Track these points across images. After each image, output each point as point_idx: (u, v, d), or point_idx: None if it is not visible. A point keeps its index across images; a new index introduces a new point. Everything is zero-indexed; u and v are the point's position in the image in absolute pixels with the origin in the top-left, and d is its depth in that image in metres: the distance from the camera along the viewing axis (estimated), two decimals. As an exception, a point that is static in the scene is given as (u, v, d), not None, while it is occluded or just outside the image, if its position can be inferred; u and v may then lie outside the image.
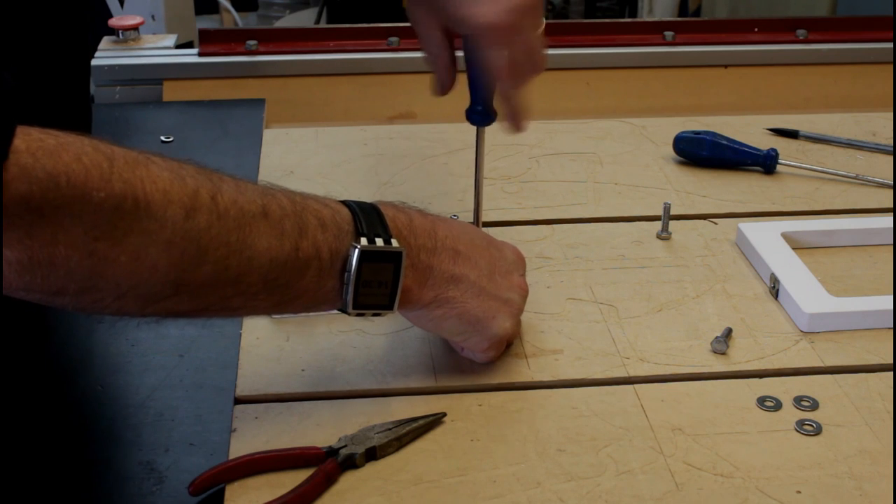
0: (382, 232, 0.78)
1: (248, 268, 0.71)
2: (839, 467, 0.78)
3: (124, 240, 0.65)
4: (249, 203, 0.71)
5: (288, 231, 0.73)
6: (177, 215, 0.67)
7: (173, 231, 0.67)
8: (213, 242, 0.69)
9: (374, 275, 0.77)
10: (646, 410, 0.84)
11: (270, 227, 0.72)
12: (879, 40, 1.58)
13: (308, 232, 0.74)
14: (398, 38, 1.55)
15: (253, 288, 0.73)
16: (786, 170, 1.23)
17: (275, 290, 0.74)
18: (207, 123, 1.35)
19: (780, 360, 0.90)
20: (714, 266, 1.04)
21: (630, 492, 0.75)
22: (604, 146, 1.31)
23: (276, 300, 0.75)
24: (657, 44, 1.58)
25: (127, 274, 0.66)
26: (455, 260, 0.83)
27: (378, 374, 0.87)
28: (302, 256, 0.74)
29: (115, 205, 0.64)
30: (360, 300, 0.77)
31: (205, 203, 0.69)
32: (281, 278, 0.74)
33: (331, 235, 0.75)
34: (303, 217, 0.74)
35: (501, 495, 0.75)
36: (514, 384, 0.87)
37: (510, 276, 0.87)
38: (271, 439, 0.80)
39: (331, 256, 0.76)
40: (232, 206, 0.70)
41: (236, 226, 0.70)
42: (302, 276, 0.75)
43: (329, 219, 0.76)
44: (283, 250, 0.73)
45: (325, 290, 0.77)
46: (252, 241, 0.71)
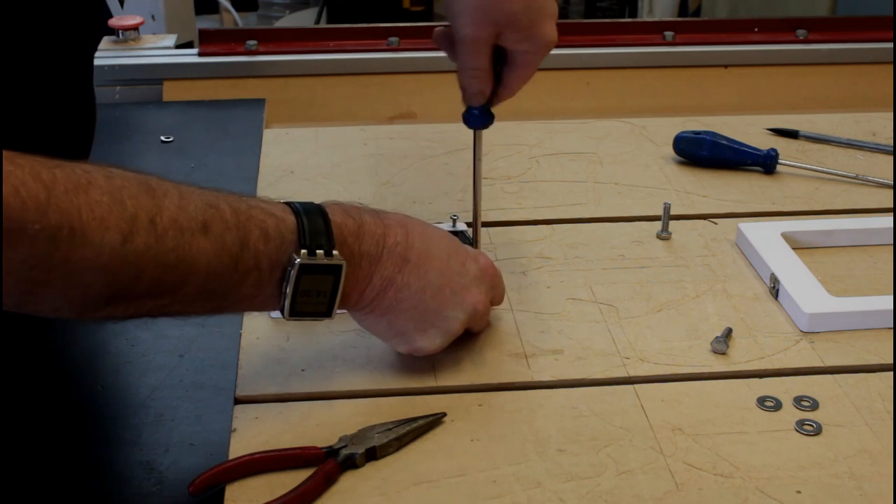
0: (325, 242, 0.78)
1: (184, 281, 0.73)
2: (839, 467, 0.78)
3: (60, 266, 0.66)
4: (190, 220, 0.72)
5: (228, 245, 0.74)
6: (114, 241, 0.68)
7: (110, 256, 0.68)
8: (151, 263, 0.70)
9: (313, 285, 0.78)
10: (646, 410, 0.84)
11: (210, 242, 0.73)
12: (879, 40, 1.58)
13: (249, 245, 0.75)
14: (398, 38, 1.55)
15: (189, 297, 0.74)
16: (786, 170, 1.23)
17: (212, 299, 0.76)
18: (207, 123, 1.35)
19: (780, 360, 0.90)
20: (714, 266, 1.04)
21: (630, 492, 0.75)
22: (604, 146, 1.31)
23: (214, 307, 0.77)
24: (657, 44, 1.58)
25: (61, 294, 0.68)
26: (401, 269, 0.82)
27: (378, 374, 0.87)
28: (241, 269, 0.75)
29: (50, 235, 0.65)
30: (297, 308, 0.78)
31: (143, 226, 0.69)
32: (219, 289, 0.75)
33: (273, 247, 0.76)
34: (246, 228, 0.75)
35: (501, 495, 0.75)
36: (514, 384, 0.87)
37: (464, 293, 0.85)
38: (271, 439, 0.80)
39: (270, 267, 0.76)
40: (171, 227, 0.71)
41: (174, 245, 0.71)
42: (240, 286, 0.76)
43: (273, 229, 0.77)
44: (222, 264, 0.74)
45: (264, 297, 0.78)
46: (191, 258, 0.72)
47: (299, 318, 0.79)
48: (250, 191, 1.17)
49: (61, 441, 0.81)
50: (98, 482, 0.78)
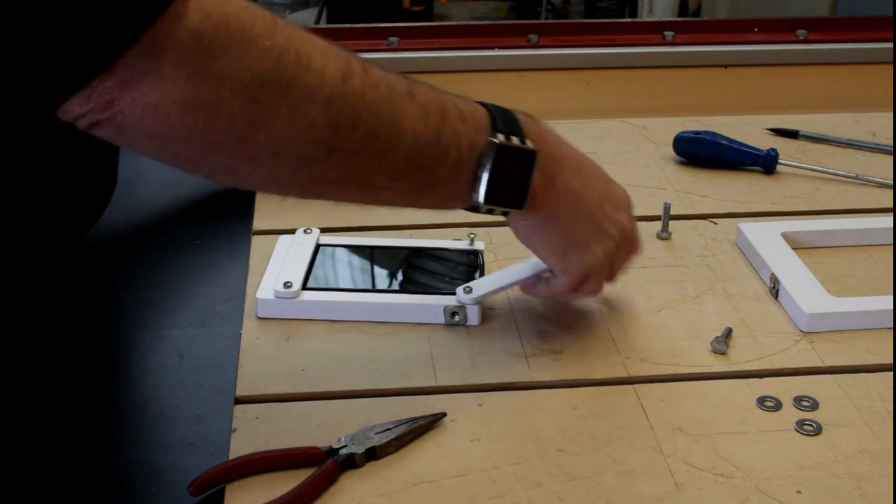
0: (518, 132, 0.79)
1: (395, 143, 0.73)
2: (839, 467, 0.78)
3: (287, 90, 0.66)
4: (397, 82, 0.73)
5: (432, 114, 0.75)
6: (335, 75, 0.68)
7: (332, 90, 0.68)
8: (367, 109, 0.71)
9: (508, 172, 0.78)
10: (646, 410, 0.84)
11: (416, 107, 0.74)
12: (879, 40, 1.58)
13: (449, 120, 0.76)
14: (398, 38, 1.55)
15: (397, 165, 0.74)
16: (786, 170, 1.23)
17: (416, 173, 0.76)
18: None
19: (780, 360, 0.90)
20: (714, 266, 1.04)
21: (630, 492, 0.75)
22: (604, 146, 1.31)
23: (416, 184, 0.77)
24: (657, 44, 1.58)
25: (286, 127, 0.67)
26: (577, 175, 0.84)
27: (378, 374, 0.87)
28: (443, 142, 0.76)
29: (279, 54, 0.65)
30: (492, 195, 0.79)
31: (358, 71, 0.70)
32: (423, 160, 0.75)
33: (470, 128, 0.77)
34: (444, 106, 0.76)
35: (501, 495, 0.75)
36: (514, 384, 0.87)
37: (617, 211, 0.88)
38: (271, 439, 0.80)
39: (469, 148, 0.77)
40: (381, 81, 0.72)
41: (386, 98, 0.72)
42: (442, 162, 0.76)
43: (468, 112, 0.78)
44: (427, 132, 0.74)
45: (461, 182, 0.78)
46: (400, 117, 0.73)
47: (492, 208, 0.79)
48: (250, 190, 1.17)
49: (61, 441, 0.81)
50: (98, 482, 0.78)
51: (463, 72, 1.55)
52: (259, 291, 0.94)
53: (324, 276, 0.98)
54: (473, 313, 0.93)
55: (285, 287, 0.93)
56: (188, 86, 0.63)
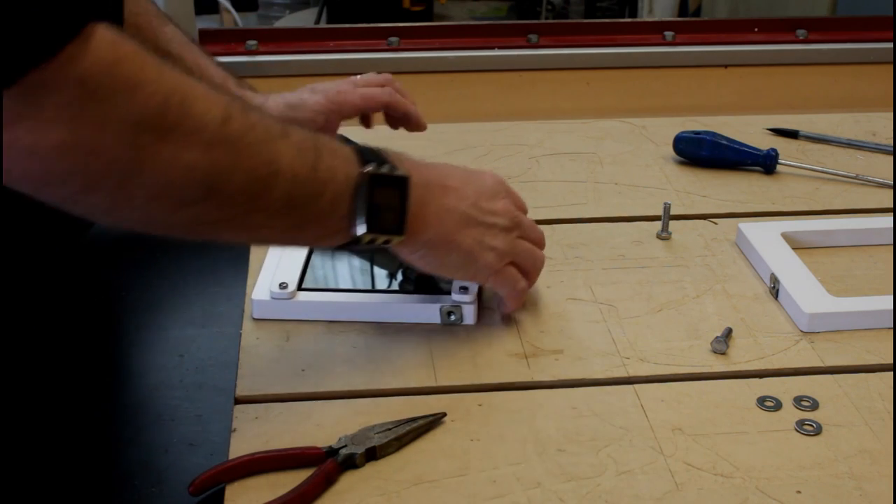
0: (385, 161, 0.81)
1: (273, 182, 0.74)
2: (839, 467, 0.78)
3: (169, 135, 0.67)
4: (272, 124, 0.75)
5: (307, 152, 0.76)
6: (216, 119, 0.69)
7: (213, 133, 0.69)
8: (246, 151, 0.72)
9: (384, 198, 0.80)
10: (646, 410, 0.84)
11: (292, 146, 0.75)
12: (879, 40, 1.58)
13: (323, 157, 0.77)
14: (398, 38, 1.55)
15: (276, 204, 0.75)
16: (786, 170, 1.23)
17: (294, 210, 0.76)
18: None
19: (780, 360, 0.90)
20: (714, 266, 1.04)
21: (630, 492, 0.75)
22: (604, 146, 1.31)
23: (295, 221, 0.77)
24: (657, 44, 1.58)
25: (166, 170, 0.67)
26: (445, 192, 0.86)
27: (378, 373, 0.87)
28: (320, 177, 0.77)
29: (164, 99, 0.66)
30: (372, 223, 0.80)
31: (237, 114, 0.71)
32: (301, 198, 0.76)
33: (342, 162, 0.79)
34: (317, 144, 0.78)
35: (501, 495, 0.75)
36: (514, 384, 0.87)
37: (494, 201, 0.89)
38: (271, 439, 0.80)
39: (345, 180, 0.79)
40: (259, 123, 0.73)
41: (264, 139, 0.73)
42: (319, 197, 0.77)
43: (339, 149, 0.80)
44: (304, 169, 0.76)
45: (339, 215, 0.79)
46: (277, 156, 0.74)
47: (373, 237, 0.80)
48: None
49: (61, 441, 0.81)
50: (98, 482, 0.78)
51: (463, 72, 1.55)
52: (254, 292, 0.94)
53: (320, 276, 0.98)
54: (469, 313, 0.93)
55: (281, 288, 0.93)
56: (68, 130, 0.62)
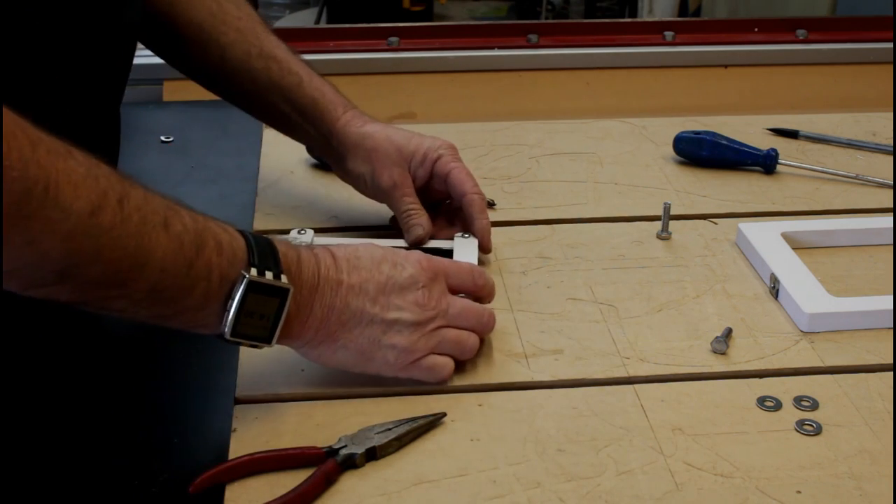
0: (273, 265, 0.78)
1: (137, 275, 0.72)
2: (839, 467, 0.78)
3: (24, 223, 0.66)
4: (153, 213, 0.72)
5: (185, 246, 0.74)
6: (82, 210, 0.68)
7: (75, 225, 0.68)
8: (111, 244, 0.70)
9: (258, 306, 0.77)
10: (646, 410, 0.84)
11: (169, 239, 0.73)
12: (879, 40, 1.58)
13: (205, 252, 0.75)
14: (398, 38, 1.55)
15: (138, 294, 0.73)
16: (786, 170, 1.23)
17: (159, 302, 0.75)
18: (207, 123, 1.35)
19: (780, 360, 0.90)
20: (714, 266, 1.04)
21: (630, 492, 0.75)
22: (604, 146, 1.31)
23: (158, 312, 0.75)
24: (657, 44, 1.58)
25: (18, 256, 0.67)
26: (337, 291, 0.82)
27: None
28: (193, 274, 0.74)
29: (26, 187, 0.65)
30: (239, 329, 0.77)
31: (111, 205, 0.70)
32: (168, 291, 0.74)
33: (225, 260, 0.76)
34: (202, 236, 0.75)
35: (501, 495, 0.75)
36: (514, 384, 0.87)
37: (403, 295, 0.84)
38: (271, 439, 0.80)
39: (220, 280, 0.76)
40: (136, 213, 0.71)
41: (137, 232, 0.71)
42: (189, 294, 0.75)
43: (226, 243, 0.76)
44: (177, 264, 0.73)
45: (208, 312, 0.76)
46: (149, 250, 0.72)
47: (238, 341, 0.78)
48: (250, 190, 1.17)
49: (61, 441, 0.81)
50: (98, 482, 0.78)
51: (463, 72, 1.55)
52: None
53: None
54: None
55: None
56: None
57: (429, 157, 1.04)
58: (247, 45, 1.05)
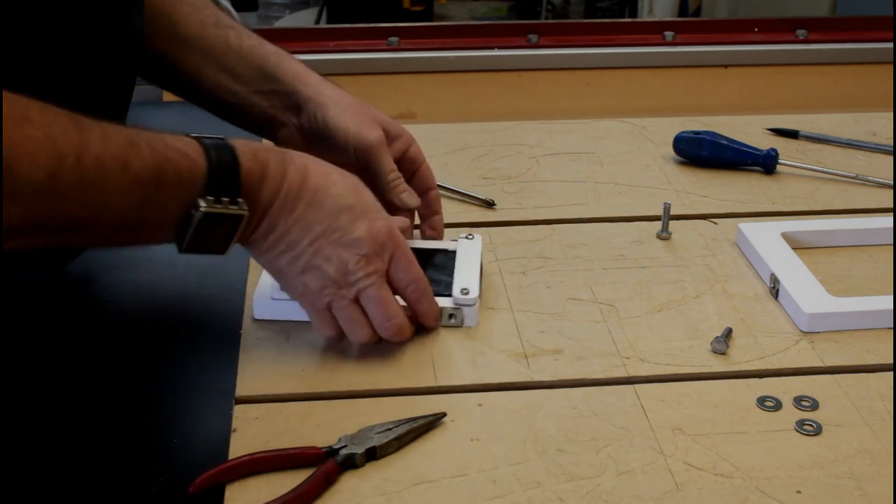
0: (232, 190, 0.80)
1: (99, 219, 0.75)
2: (839, 467, 0.78)
3: None
4: (112, 159, 0.74)
5: (145, 184, 0.76)
6: (40, 178, 0.70)
7: (35, 192, 0.70)
8: (71, 202, 0.72)
9: (212, 230, 0.80)
10: (646, 410, 0.84)
11: (128, 180, 0.75)
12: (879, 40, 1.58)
13: (163, 185, 0.77)
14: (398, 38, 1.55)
15: (101, 232, 0.77)
16: (786, 170, 1.23)
17: (119, 234, 0.78)
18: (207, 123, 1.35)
19: (780, 360, 0.90)
20: (714, 266, 1.04)
21: (630, 492, 0.75)
22: (604, 146, 1.31)
23: (119, 241, 0.82)
24: (657, 44, 1.58)
25: None
26: (287, 218, 0.84)
27: (378, 374, 0.87)
28: (152, 207, 0.77)
29: None
30: (193, 249, 0.81)
31: (69, 164, 0.71)
32: (128, 225, 0.77)
33: (183, 190, 0.78)
34: (161, 169, 0.77)
35: (501, 495, 0.75)
36: (514, 384, 0.87)
37: (339, 250, 0.85)
38: (271, 439, 0.80)
39: (177, 207, 0.78)
40: (94, 164, 0.73)
41: (95, 183, 0.73)
42: (148, 224, 0.78)
43: (186, 171, 0.78)
44: (136, 203, 0.76)
45: (165, 233, 0.80)
46: (108, 196, 0.74)
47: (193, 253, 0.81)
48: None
49: (61, 441, 0.81)
50: (98, 482, 0.78)
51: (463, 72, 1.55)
52: (255, 293, 0.94)
53: None
54: (470, 315, 0.93)
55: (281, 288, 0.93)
56: None
57: (403, 138, 1.03)
58: (202, 16, 1.04)
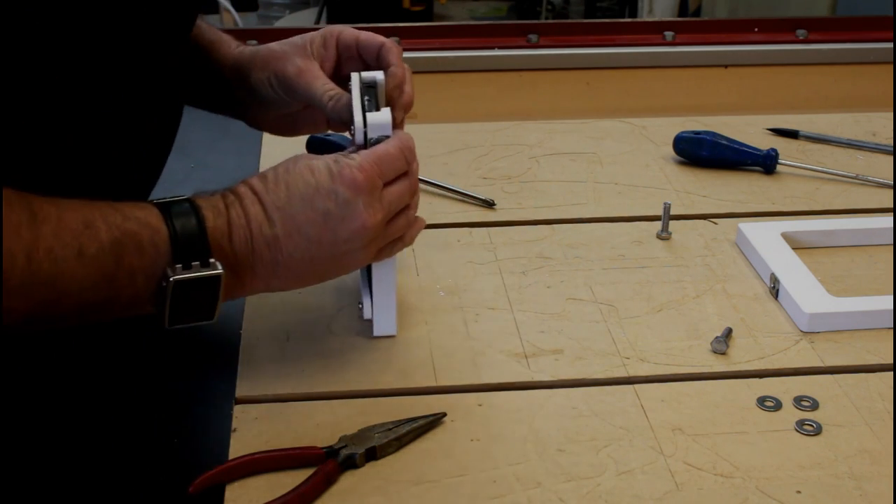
0: (201, 251, 0.76)
1: (58, 307, 0.73)
2: (839, 467, 0.78)
3: None
4: (65, 247, 0.72)
5: (103, 266, 0.73)
6: None
7: None
8: (23, 299, 0.71)
9: (192, 297, 0.77)
10: (646, 410, 0.84)
11: (84, 266, 0.73)
12: (879, 40, 1.58)
13: (124, 260, 0.74)
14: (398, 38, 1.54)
15: (67, 317, 0.75)
16: (786, 170, 1.23)
17: (89, 315, 0.76)
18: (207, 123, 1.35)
19: (780, 360, 0.90)
20: (714, 266, 1.04)
21: (630, 492, 0.75)
22: (604, 146, 1.31)
23: (94, 320, 0.77)
24: (657, 44, 1.58)
25: None
26: (276, 246, 0.79)
27: (378, 374, 0.87)
28: (116, 286, 0.75)
29: None
30: (178, 321, 0.78)
31: (19, 264, 0.70)
32: (94, 306, 0.75)
33: (147, 261, 0.75)
34: (121, 245, 0.74)
35: (501, 495, 0.75)
36: (514, 384, 0.87)
37: (345, 224, 0.80)
38: (271, 439, 0.80)
39: (146, 281, 0.76)
40: (46, 258, 0.71)
41: (48, 277, 0.71)
42: (116, 301, 0.76)
43: (147, 242, 0.75)
44: (97, 285, 0.74)
45: (141, 308, 0.77)
46: (63, 286, 0.72)
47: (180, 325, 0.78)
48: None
49: (62, 441, 0.81)
50: (98, 482, 0.78)
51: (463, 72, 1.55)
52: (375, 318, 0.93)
53: None
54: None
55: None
56: None
57: (329, 36, 0.96)
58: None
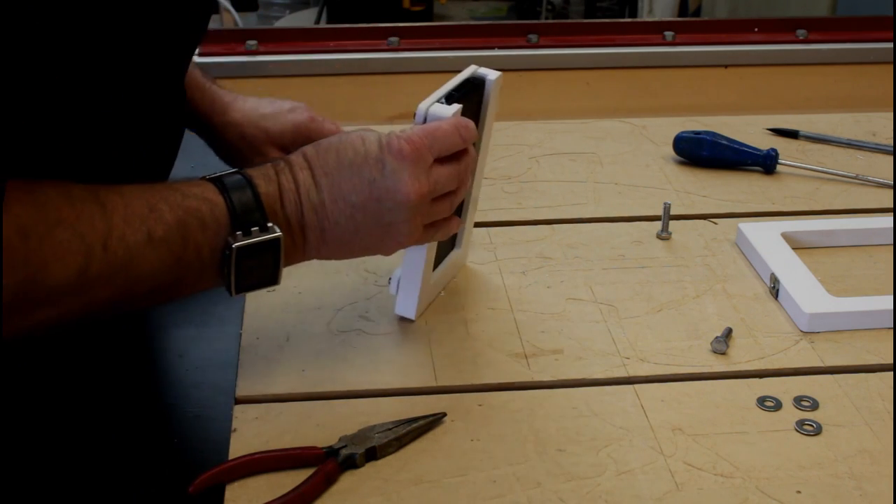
0: (259, 216, 0.79)
1: (133, 291, 0.76)
2: (839, 467, 0.78)
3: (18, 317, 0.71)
4: (135, 232, 0.75)
5: (171, 246, 0.76)
6: (71, 277, 0.72)
7: (66, 290, 0.72)
8: (103, 288, 0.74)
9: (255, 263, 0.79)
10: (646, 410, 0.84)
11: (155, 249, 0.75)
12: (879, 40, 1.58)
13: (190, 240, 0.77)
14: (398, 38, 1.55)
15: (139, 300, 0.78)
16: (786, 170, 1.23)
17: (160, 296, 0.79)
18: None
19: (780, 360, 0.90)
20: (714, 266, 1.04)
21: (630, 492, 0.75)
22: (604, 146, 1.31)
23: (164, 300, 0.80)
24: (657, 44, 1.58)
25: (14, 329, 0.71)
26: (323, 213, 0.81)
27: (378, 374, 0.87)
28: (184, 264, 0.77)
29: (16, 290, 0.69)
30: (243, 286, 0.80)
31: (97, 255, 0.73)
32: (165, 285, 0.78)
33: (210, 234, 0.78)
34: (184, 224, 0.77)
35: (501, 495, 0.75)
36: (514, 384, 0.87)
37: (391, 194, 0.81)
38: (271, 439, 0.80)
39: (211, 254, 0.78)
40: (120, 246, 0.74)
41: (123, 263, 0.74)
42: (185, 279, 0.78)
43: (208, 216, 0.78)
44: (166, 266, 0.76)
45: (208, 281, 0.80)
46: (138, 271, 0.75)
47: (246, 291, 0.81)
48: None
49: (61, 441, 0.81)
50: (98, 482, 0.78)
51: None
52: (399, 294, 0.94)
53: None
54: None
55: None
56: None
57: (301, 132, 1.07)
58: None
